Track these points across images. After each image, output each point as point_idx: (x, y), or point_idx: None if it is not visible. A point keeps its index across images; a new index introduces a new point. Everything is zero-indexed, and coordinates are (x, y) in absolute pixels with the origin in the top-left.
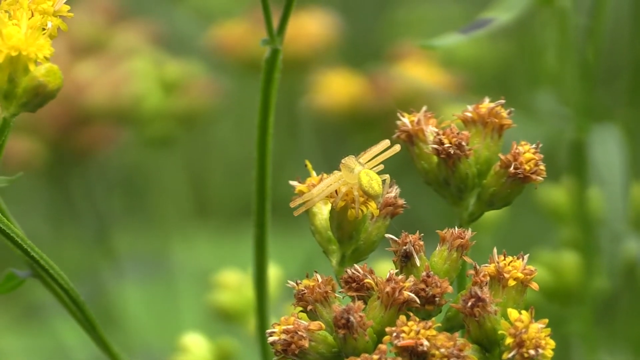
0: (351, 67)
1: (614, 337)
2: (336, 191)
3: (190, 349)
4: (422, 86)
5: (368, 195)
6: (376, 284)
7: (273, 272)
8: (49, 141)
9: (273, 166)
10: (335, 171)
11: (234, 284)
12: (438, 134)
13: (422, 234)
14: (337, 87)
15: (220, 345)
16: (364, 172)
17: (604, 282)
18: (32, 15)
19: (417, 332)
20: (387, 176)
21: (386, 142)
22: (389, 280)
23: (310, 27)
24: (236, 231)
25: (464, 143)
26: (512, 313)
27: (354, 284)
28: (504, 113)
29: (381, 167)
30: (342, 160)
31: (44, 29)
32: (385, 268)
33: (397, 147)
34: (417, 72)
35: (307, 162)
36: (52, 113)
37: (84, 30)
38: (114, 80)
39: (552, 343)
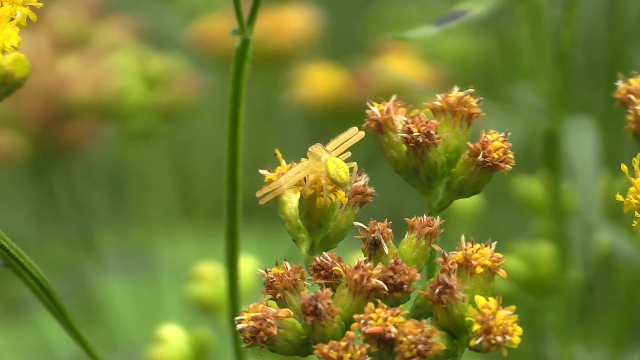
0: (334, 61)
1: (590, 330)
2: (305, 179)
3: (167, 340)
4: (404, 80)
5: (335, 183)
6: (344, 272)
7: (250, 264)
8: (32, 136)
9: (255, 162)
10: (303, 159)
11: (211, 276)
12: (407, 123)
13: (391, 222)
14: (320, 81)
15: (197, 336)
16: (331, 160)
17: (578, 274)
18: (1, 5)
19: (385, 319)
20: (354, 164)
21: (354, 130)
22: (357, 267)
23: (292, 22)
24: (220, 227)
25: (432, 132)
26: (480, 300)
27: (323, 271)
28: (473, 102)
29: (348, 154)
30: (309, 149)
31: (12, 19)
32: (355, 259)
33: (361, 134)
34: (399, 66)
35: (277, 151)
36: (35, 108)
37: (67, 26)
38: (96, 75)
39: (519, 329)
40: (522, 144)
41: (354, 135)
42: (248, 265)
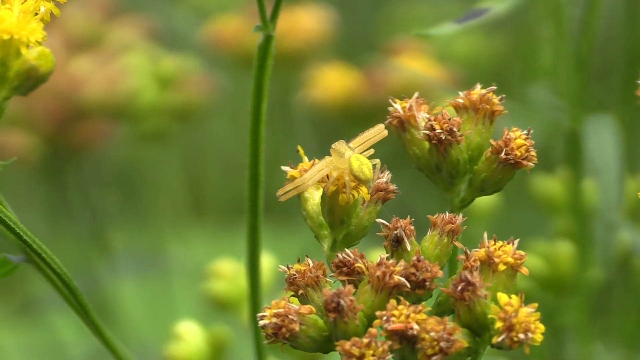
0: (347, 62)
1: (608, 329)
2: (327, 176)
3: (184, 337)
4: (420, 77)
5: (359, 180)
6: (367, 268)
7: (267, 261)
8: (45, 136)
9: (269, 162)
10: (327, 156)
11: (228, 274)
12: (430, 120)
13: (413, 219)
14: (332, 82)
15: (214, 333)
16: (355, 156)
17: (598, 273)
18: (25, 0)
19: (407, 316)
20: (377, 161)
21: (380, 127)
22: (379, 264)
23: (305, 22)
24: (232, 228)
25: (455, 129)
26: (502, 297)
27: (345, 268)
28: (496, 99)
29: (371, 151)
30: (333, 145)
31: (36, 14)
32: (377, 256)
33: (385, 132)
34: (413, 66)
35: (299, 148)
36: (48, 108)
37: (80, 26)
38: (109, 76)
39: (541, 327)
40: (540, 143)
41: (378, 133)
42: (265, 263)
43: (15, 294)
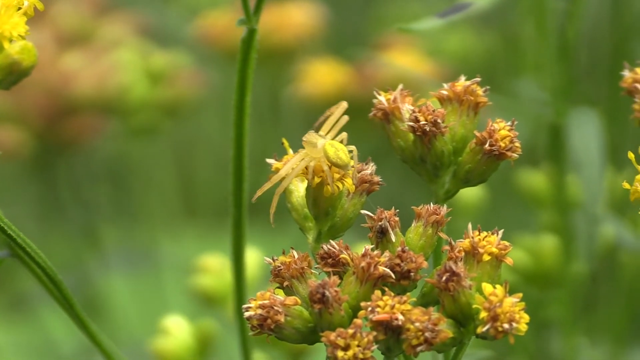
0: (337, 56)
1: (594, 323)
2: (307, 169)
3: (171, 331)
4: (408, 73)
5: (337, 166)
6: (352, 260)
7: (255, 256)
8: (35, 131)
9: (259, 157)
10: (300, 149)
11: (215, 269)
12: (414, 112)
13: (398, 211)
14: (323, 76)
15: (201, 328)
16: (329, 143)
17: (581, 266)
18: None
19: (392, 307)
20: (353, 147)
21: (339, 104)
22: (364, 255)
23: (296, 17)
24: (223, 223)
25: (439, 120)
26: (487, 287)
27: (330, 259)
28: (480, 91)
29: (344, 135)
30: (304, 137)
31: (19, 8)
32: (362, 247)
33: (345, 104)
34: (402, 61)
35: (284, 140)
36: (38, 103)
37: (71, 22)
38: (100, 71)
39: (526, 317)
40: (526, 137)
41: (340, 108)
42: (252, 258)
43: (5, 290)
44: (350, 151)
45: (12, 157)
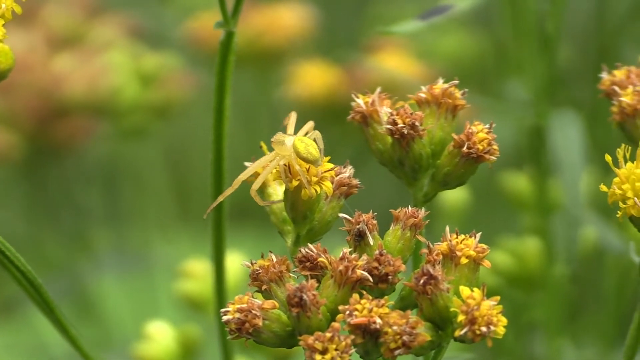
0: (328, 59)
1: (580, 326)
2: (290, 171)
3: (154, 336)
4: (397, 76)
5: (307, 161)
6: (329, 263)
7: (237, 261)
8: (26, 133)
9: (247, 159)
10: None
11: (199, 273)
12: (392, 115)
13: (376, 214)
14: (313, 78)
15: (185, 333)
16: (298, 139)
17: (563, 269)
18: None
19: (370, 310)
20: (317, 132)
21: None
22: (342, 259)
23: (286, 19)
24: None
25: (417, 123)
26: (464, 290)
27: (308, 263)
28: (458, 94)
29: (316, 133)
30: (272, 139)
31: None
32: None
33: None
34: (393, 63)
35: (262, 143)
36: (29, 105)
37: (61, 23)
38: (91, 73)
39: (504, 320)
40: (511, 139)
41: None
42: (236, 262)
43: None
44: (315, 140)
45: (3, 159)
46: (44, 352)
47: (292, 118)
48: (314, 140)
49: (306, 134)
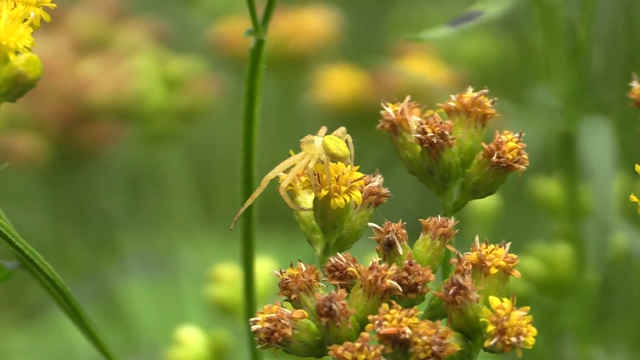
0: (353, 63)
1: (610, 332)
2: (319, 180)
3: (185, 341)
4: (424, 81)
5: (337, 158)
6: (359, 273)
7: (267, 266)
8: (52, 138)
9: (272, 165)
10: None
11: (229, 278)
12: (421, 124)
13: (406, 223)
14: (339, 83)
15: (215, 338)
16: (328, 137)
17: (593, 275)
18: (15, 6)
19: (400, 320)
20: (348, 135)
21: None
22: (371, 268)
23: (311, 24)
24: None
25: (446, 132)
26: (494, 301)
27: (337, 272)
28: (487, 103)
29: (343, 129)
30: (301, 140)
31: (25, 20)
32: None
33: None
34: (418, 68)
35: (291, 152)
36: (55, 110)
37: (87, 28)
38: (117, 78)
39: (533, 330)
40: (540, 145)
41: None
42: (266, 268)
43: (25, 297)
44: (346, 140)
45: (29, 164)
46: (71, 356)
47: (322, 131)
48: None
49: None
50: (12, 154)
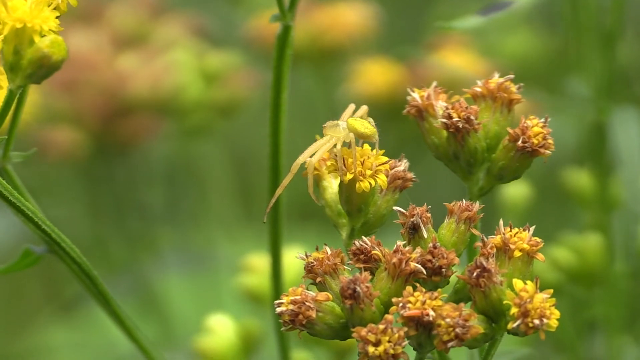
0: (390, 56)
1: None
2: (344, 164)
3: (216, 330)
4: (461, 74)
5: (365, 137)
6: (383, 256)
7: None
8: (91, 132)
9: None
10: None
11: (260, 268)
12: (447, 109)
13: (430, 207)
14: (375, 76)
15: (245, 326)
16: (352, 119)
17: (622, 265)
18: None
19: (423, 303)
20: (370, 119)
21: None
22: (395, 251)
23: (348, 17)
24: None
25: (472, 117)
26: (518, 283)
27: (362, 255)
28: (513, 88)
29: (365, 108)
30: (324, 125)
31: (51, 4)
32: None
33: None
34: (456, 61)
35: (317, 137)
36: (94, 104)
37: (126, 23)
38: (155, 72)
39: (556, 313)
40: (572, 136)
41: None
42: (294, 257)
43: (65, 290)
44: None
45: (68, 158)
46: (111, 351)
47: (349, 109)
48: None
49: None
50: (51, 148)
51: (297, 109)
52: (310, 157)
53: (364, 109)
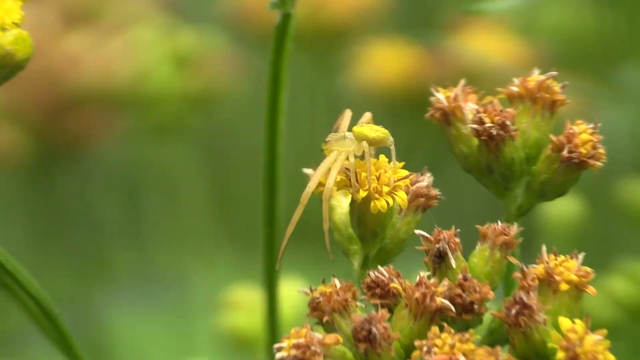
0: (405, 37)
1: None
2: (357, 180)
3: None
4: (491, 61)
5: (378, 143)
6: (404, 290)
7: (296, 287)
8: (32, 129)
9: (305, 159)
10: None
11: (247, 303)
12: (478, 112)
13: (459, 230)
14: (386, 61)
15: None
16: (357, 127)
17: None
18: None
19: (452, 346)
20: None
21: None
22: (418, 284)
23: None
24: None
25: (508, 122)
26: (565, 322)
27: (378, 289)
28: (556, 87)
29: (368, 115)
30: (327, 140)
31: None
32: (417, 274)
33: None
34: (485, 42)
35: (324, 147)
36: (36, 95)
37: None
38: (112, 55)
39: (611, 358)
40: (630, 136)
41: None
42: (294, 290)
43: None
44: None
45: (5, 162)
46: None
47: (346, 117)
48: None
49: None
50: None
51: (289, 103)
52: (320, 182)
53: (367, 116)
